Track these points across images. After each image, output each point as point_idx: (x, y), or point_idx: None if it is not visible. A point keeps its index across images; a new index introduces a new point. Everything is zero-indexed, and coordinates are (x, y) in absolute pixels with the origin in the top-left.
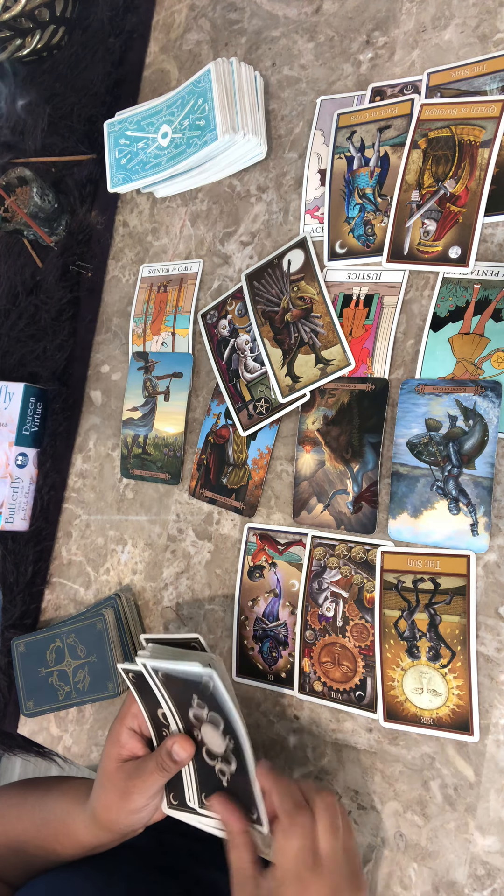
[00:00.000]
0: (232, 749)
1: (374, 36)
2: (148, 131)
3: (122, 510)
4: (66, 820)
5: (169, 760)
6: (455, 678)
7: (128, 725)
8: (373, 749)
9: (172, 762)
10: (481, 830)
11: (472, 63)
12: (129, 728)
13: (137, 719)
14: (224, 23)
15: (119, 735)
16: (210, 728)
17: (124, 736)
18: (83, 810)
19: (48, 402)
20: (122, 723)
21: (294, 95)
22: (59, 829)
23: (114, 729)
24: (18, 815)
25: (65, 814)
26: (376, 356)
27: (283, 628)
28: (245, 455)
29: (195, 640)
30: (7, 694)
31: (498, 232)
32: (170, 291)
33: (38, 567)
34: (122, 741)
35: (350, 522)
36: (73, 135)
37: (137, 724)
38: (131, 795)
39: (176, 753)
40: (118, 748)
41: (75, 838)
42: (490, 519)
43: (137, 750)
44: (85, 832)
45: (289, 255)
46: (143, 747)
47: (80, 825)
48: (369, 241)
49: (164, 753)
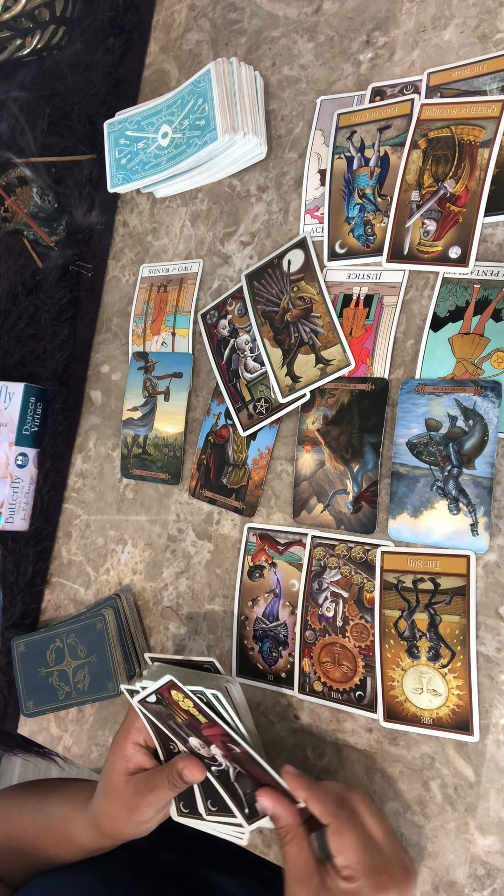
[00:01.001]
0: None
1: (374, 36)
2: (148, 131)
3: (122, 510)
4: (66, 824)
5: (179, 780)
6: (455, 678)
7: (133, 740)
8: (373, 749)
9: (183, 782)
10: (481, 830)
11: (472, 63)
12: (134, 742)
13: (142, 734)
14: (224, 23)
15: (125, 749)
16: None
17: (130, 750)
18: (84, 815)
19: (48, 402)
20: (126, 737)
21: (294, 95)
22: (60, 832)
23: (118, 743)
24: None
25: (66, 818)
26: (376, 356)
27: (283, 628)
28: (245, 455)
29: (209, 664)
30: (7, 694)
31: (498, 232)
32: (170, 291)
33: (38, 567)
34: (129, 755)
35: (350, 522)
36: (73, 135)
37: (143, 739)
38: (140, 809)
39: (186, 777)
40: (124, 762)
41: (76, 842)
42: (490, 519)
43: (144, 763)
44: (86, 837)
45: (289, 255)
46: (149, 759)
47: (81, 830)
48: (369, 241)
49: (175, 774)
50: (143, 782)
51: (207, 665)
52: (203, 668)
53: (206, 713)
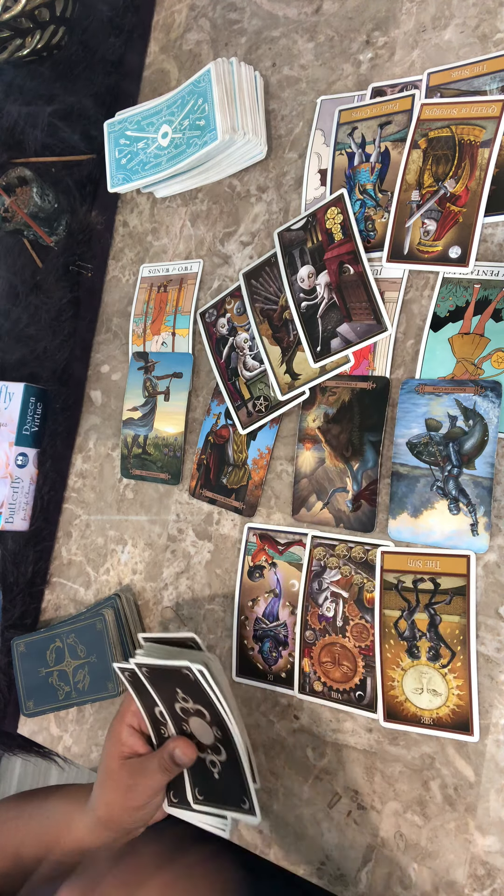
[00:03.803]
0: (221, 739)
1: (374, 36)
2: (148, 131)
3: (122, 510)
4: (67, 822)
5: (172, 763)
6: (455, 678)
7: (127, 723)
8: (373, 749)
9: (175, 765)
10: (481, 830)
11: (472, 63)
12: (128, 726)
13: (137, 717)
14: (224, 23)
15: (119, 733)
16: (197, 720)
17: (125, 734)
18: (84, 812)
19: (48, 402)
20: (121, 721)
21: (294, 95)
22: (61, 832)
23: (113, 727)
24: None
25: (66, 816)
26: (377, 356)
27: (283, 628)
28: (245, 455)
29: (191, 640)
30: (7, 694)
31: (498, 232)
32: (170, 291)
33: (38, 567)
34: (123, 739)
35: (349, 520)
36: (73, 135)
37: (137, 722)
38: (134, 793)
39: (178, 758)
40: (119, 746)
41: (77, 840)
42: (490, 519)
43: (138, 747)
44: (86, 832)
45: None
46: (143, 744)
47: (80, 826)
48: (370, 236)
49: (167, 755)
50: (137, 767)
51: (190, 642)
52: (186, 644)
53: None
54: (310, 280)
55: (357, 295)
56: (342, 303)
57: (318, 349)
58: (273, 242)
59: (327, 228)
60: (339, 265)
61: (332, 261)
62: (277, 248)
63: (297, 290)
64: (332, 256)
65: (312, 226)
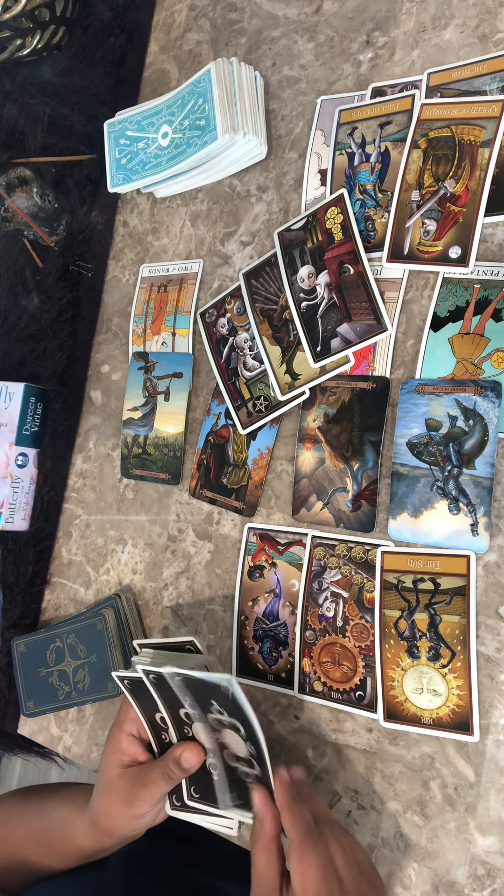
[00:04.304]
0: (255, 755)
1: (374, 36)
2: (148, 131)
3: (122, 510)
4: (67, 827)
5: (176, 769)
6: (455, 678)
7: (127, 731)
8: (373, 749)
9: (180, 770)
10: (481, 830)
11: (472, 63)
12: (128, 734)
13: (136, 724)
14: (224, 23)
15: (119, 741)
16: (231, 733)
17: (124, 742)
18: (84, 817)
19: (48, 402)
20: (120, 728)
21: (294, 95)
22: (61, 835)
23: (113, 735)
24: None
25: (66, 821)
26: (377, 356)
27: (283, 628)
28: (245, 455)
29: (190, 643)
30: (7, 694)
31: (498, 232)
32: (170, 291)
33: (38, 567)
34: (123, 747)
35: (349, 520)
36: (73, 135)
37: (136, 729)
38: (135, 802)
39: (185, 761)
40: (119, 754)
41: (76, 844)
42: (490, 519)
43: (138, 755)
44: (86, 838)
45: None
46: (143, 752)
47: (80, 831)
48: (370, 236)
49: (172, 762)
50: (138, 776)
51: (189, 645)
52: (185, 648)
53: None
54: (310, 280)
55: (357, 295)
56: (342, 303)
57: (318, 349)
58: (273, 242)
59: (327, 228)
60: (339, 265)
61: (332, 261)
62: (277, 248)
63: (297, 290)
64: (332, 256)
65: (312, 226)
